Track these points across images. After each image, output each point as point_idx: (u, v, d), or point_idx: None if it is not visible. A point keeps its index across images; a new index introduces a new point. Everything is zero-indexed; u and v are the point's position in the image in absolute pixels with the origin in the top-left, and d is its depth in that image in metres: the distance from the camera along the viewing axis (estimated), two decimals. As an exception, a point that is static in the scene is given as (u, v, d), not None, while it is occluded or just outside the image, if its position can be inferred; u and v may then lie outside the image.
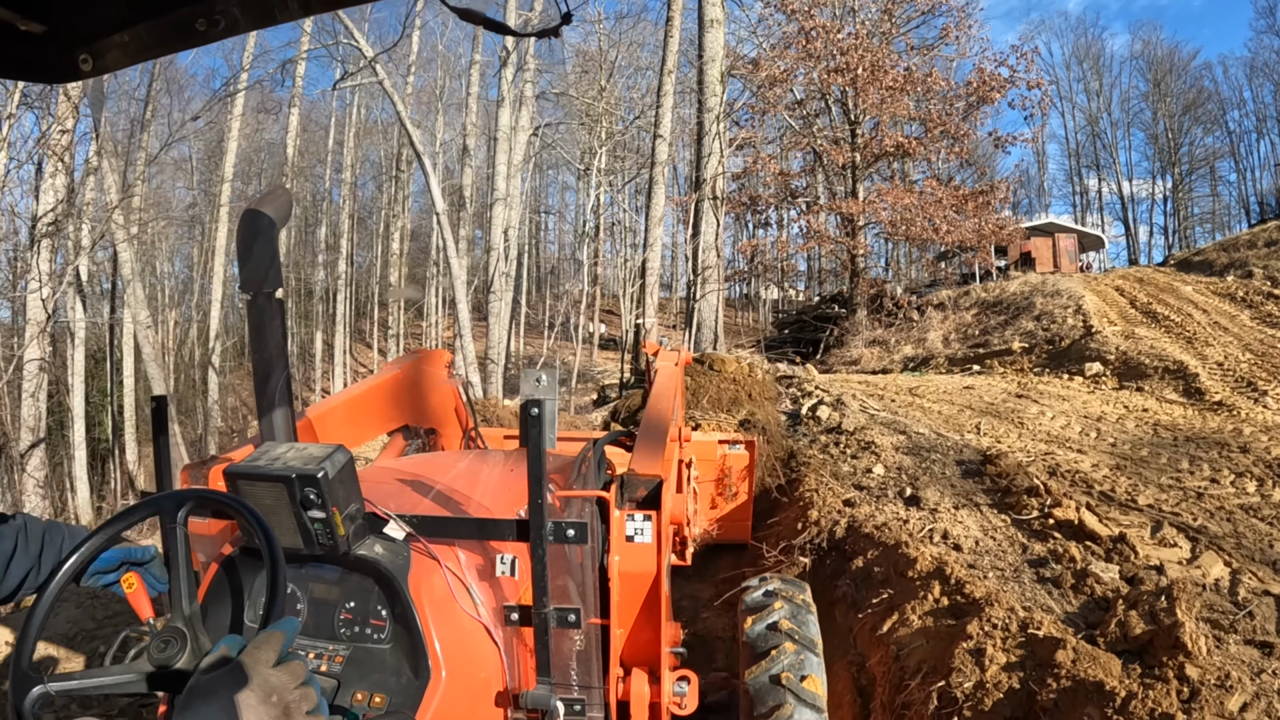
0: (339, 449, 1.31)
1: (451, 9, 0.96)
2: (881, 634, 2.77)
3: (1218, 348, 10.12)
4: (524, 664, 1.48)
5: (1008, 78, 18.99)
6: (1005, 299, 16.02)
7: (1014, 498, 3.61)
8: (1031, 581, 2.87)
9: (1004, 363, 11.51)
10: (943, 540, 3.21)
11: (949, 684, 2.34)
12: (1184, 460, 5.43)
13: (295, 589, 1.39)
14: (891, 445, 4.71)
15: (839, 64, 16.46)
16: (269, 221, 1.63)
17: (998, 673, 2.31)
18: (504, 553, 1.48)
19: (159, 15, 0.90)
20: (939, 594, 2.75)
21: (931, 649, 2.55)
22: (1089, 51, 46.02)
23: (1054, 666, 2.25)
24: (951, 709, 2.31)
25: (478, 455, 2.15)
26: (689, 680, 1.80)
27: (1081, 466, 4.72)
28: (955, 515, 3.51)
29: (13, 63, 0.95)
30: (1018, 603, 2.63)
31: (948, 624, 2.59)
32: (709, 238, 10.05)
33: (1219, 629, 2.72)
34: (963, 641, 2.44)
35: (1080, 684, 2.19)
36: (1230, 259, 17.33)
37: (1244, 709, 2.34)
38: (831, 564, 3.30)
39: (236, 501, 1.14)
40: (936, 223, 17.28)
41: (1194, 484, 4.85)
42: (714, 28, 9.80)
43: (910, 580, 2.89)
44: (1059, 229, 27.60)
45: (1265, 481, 5.04)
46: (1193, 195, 45.46)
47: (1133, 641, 2.41)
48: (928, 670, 2.48)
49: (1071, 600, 2.74)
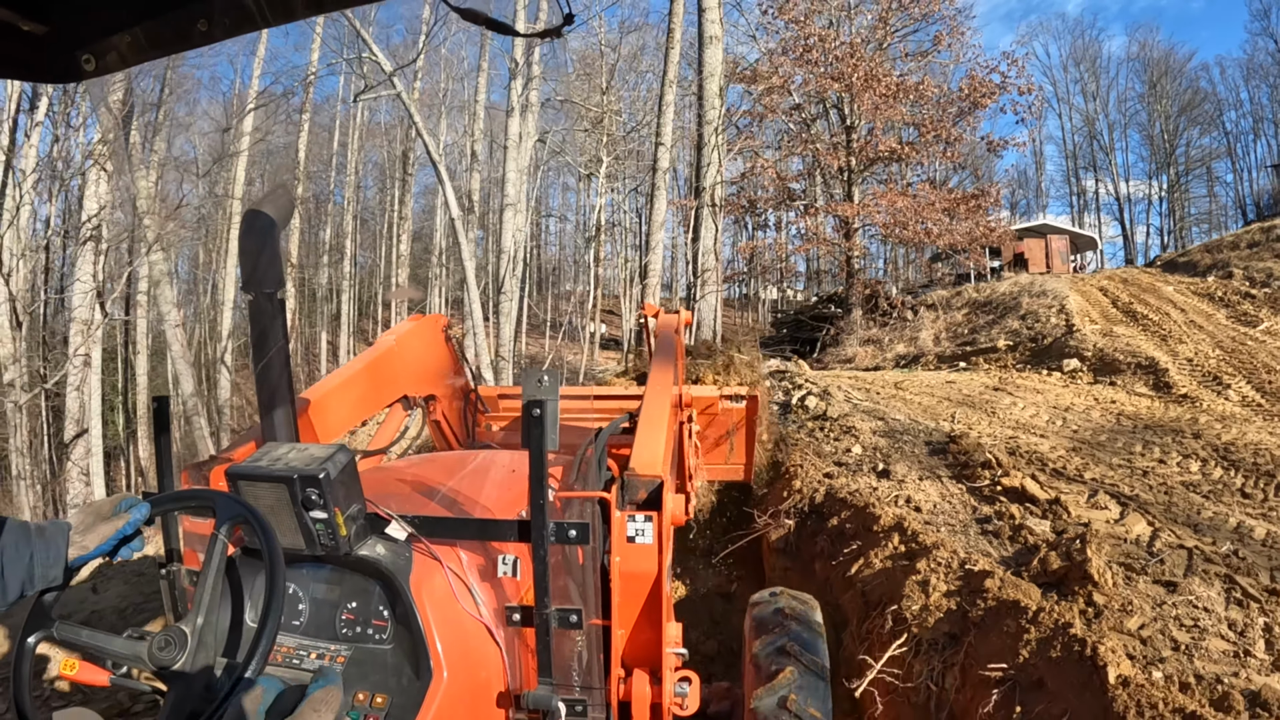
0: (341, 449, 1.32)
1: (454, 9, 0.99)
2: (850, 576, 3.32)
3: (1190, 345, 10.66)
4: (525, 664, 1.50)
5: (999, 83, 19.56)
6: (995, 299, 16.57)
7: (970, 470, 4.16)
8: (976, 534, 3.41)
9: (989, 360, 12.06)
10: (906, 504, 3.75)
11: (900, 608, 2.89)
12: (1138, 444, 5.97)
13: (297, 589, 1.39)
14: (870, 429, 5.25)
15: (835, 71, 17.02)
16: (270, 221, 1.64)
17: (939, 598, 2.86)
18: (506, 553, 1.49)
19: (160, 16, 0.91)
20: (897, 543, 3.29)
21: (889, 585, 3.10)
22: (1086, 53, 46.57)
23: (984, 592, 2.80)
24: (902, 627, 2.86)
25: (480, 456, 2.20)
26: (690, 681, 1.81)
27: (1040, 448, 5.26)
28: (919, 485, 4.05)
29: (15, 63, 0.95)
30: (961, 548, 3.18)
31: (903, 565, 3.13)
32: (708, 242, 10.62)
33: (1131, 571, 3.26)
34: (913, 576, 2.98)
35: (1004, 604, 2.73)
36: (1214, 260, 17.86)
37: (1141, 628, 2.89)
38: (811, 524, 3.85)
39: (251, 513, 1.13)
40: (929, 226, 17.83)
41: (1142, 464, 5.39)
42: (713, 44, 10.37)
43: (875, 534, 3.43)
44: (1051, 230, 28.16)
45: (1209, 462, 5.59)
46: (1190, 196, 45.94)
47: (1051, 575, 2.95)
48: (885, 600, 3.02)
49: (1008, 548, 3.28)
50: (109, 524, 1.13)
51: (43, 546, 1.06)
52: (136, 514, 1.14)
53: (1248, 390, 8.45)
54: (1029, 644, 2.50)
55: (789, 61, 17.75)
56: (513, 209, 10.70)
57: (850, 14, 19.01)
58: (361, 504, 1.36)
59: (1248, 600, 3.27)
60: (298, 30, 17.78)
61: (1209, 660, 2.75)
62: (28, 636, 1.06)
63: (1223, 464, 5.55)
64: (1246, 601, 3.26)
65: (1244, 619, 3.12)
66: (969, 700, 2.57)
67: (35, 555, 1.05)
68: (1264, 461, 5.52)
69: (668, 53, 11.15)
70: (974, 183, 29.74)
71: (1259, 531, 4.11)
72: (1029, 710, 2.36)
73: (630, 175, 29.24)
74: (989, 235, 18.76)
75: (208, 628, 1.06)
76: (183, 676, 1.02)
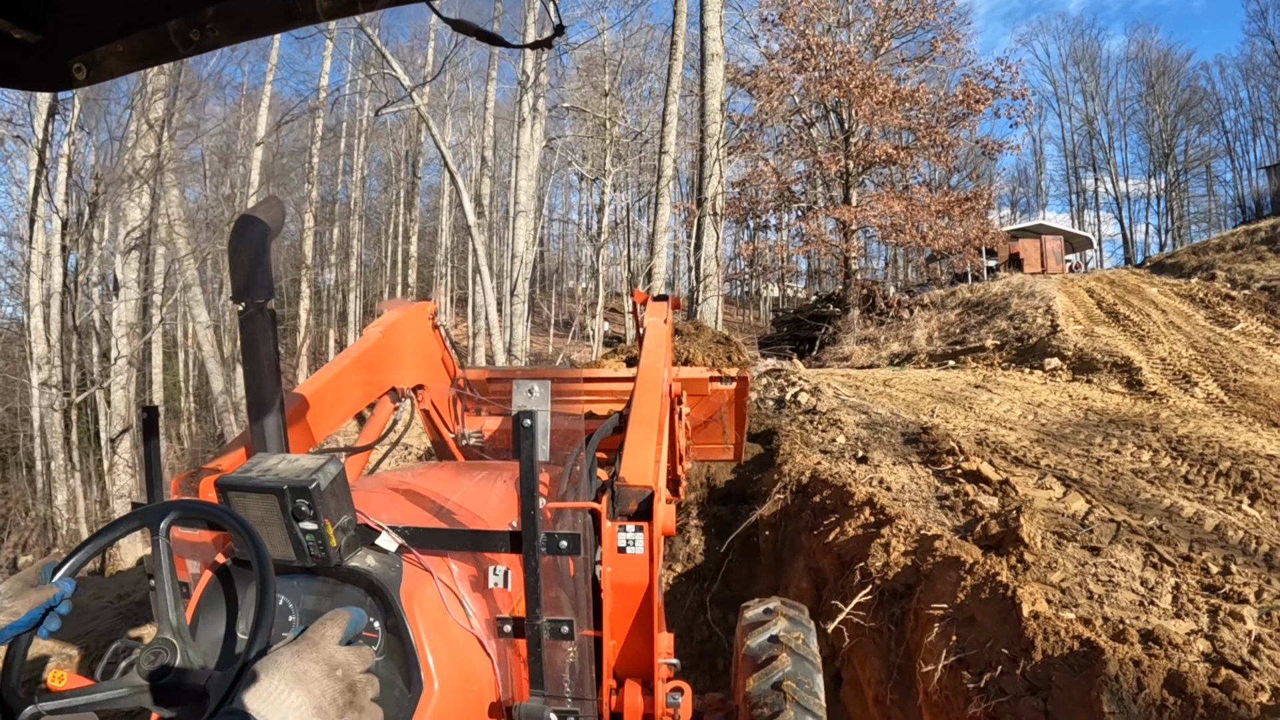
0: (332, 460, 1.31)
1: (445, 20, 0.97)
2: (829, 543, 3.95)
3: (1165, 344, 11.26)
4: (517, 676, 1.49)
5: (993, 89, 20.14)
6: (986, 300, 17.17)
7: (937, 456, 4.78)
8: (935, 508, 4.04)
9: (977, 358, 12.67)
10: (879, 484, 4.37)
11: (867, 565, 3.52)
12: (1099, 436, 6.59)
13: (287, 600, 1.38)
14: (854, 422, 5.87)
15: (833, 79, 17.62)
16: (262, 230, 1.64)
17: (899, 556, 3.49)
18: (497, 564, 1.49)
19: (152, 25, 0.91)
20: (868, 515, 3.93)
21: (859, 548, 3.73)
22: (1085, 53, 47.01)
23: (934, 551, 3.43)
24: (868, 580, 3.49)
25: (471, 466, 2.21)
26: (682, 691, 1.82)
27: (1006, 439, 5.89)
28: (892, 469, 4.67)
29: (7, 71, 0.95)
30: (921, 519, 3.81)
31: (871, 532, 3.77)
32: (709, 250, 11.27)
33: (1062, 538, 3.88)
34: (878, 540, 3.62)
35: (948, 560, 3.36)
36: (1199, 262, 18.44)
37: (1062, 581, 3.52)
38: (798, 502, 4.48)
39: (224, 512, 1.13)
40: (924, 228, 18.43)
41: (1098, 453, 6.01)
42: (714, 61, 10.99)
43: (850, 508, 4.07)
44: (1046, 230, 28.76)
45: (1159, 452, 6.21)
46: (1189, 195, 46.33)
47: (991, 539, 3.58)
48: (855, 560, 3.66)
49: (960, 519, 3.91)
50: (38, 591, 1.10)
51: None
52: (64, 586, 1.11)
53: (1213, 388, 9.05)
54: (965, 590, 3.13)
55: (789, 67, 18.35)
56: (524, 216, 11.34)
57: (849, 22, 19.60)
58: (352, 515, 1.36)
59: (1163, 564, 3.89)
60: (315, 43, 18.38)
61: (1116, 607, 3.37)
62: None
63: (1173, 454, 6.16)
64: (1161, 565, 3.89)
65: (1156, 578, 3.75)
66: (918, 635, 3.21)
67: None
68: (1211, 452, 6.13)
69: (670, 65, 11.76)
70: (973, 184, 30.34)
71: (1188, 511, 4.73)
72: (962, 639, 3.00)
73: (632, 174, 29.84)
74: (982, 237, 19.35)
75: (187, 632, 1.06)
76: (177, 686, 1.03)
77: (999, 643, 2.91)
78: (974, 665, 2.93)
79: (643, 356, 2.58)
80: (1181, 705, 2.65)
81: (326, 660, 0.73)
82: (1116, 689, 2.66)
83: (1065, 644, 2.86)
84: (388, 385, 2.64)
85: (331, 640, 0.76)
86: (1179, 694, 2.68)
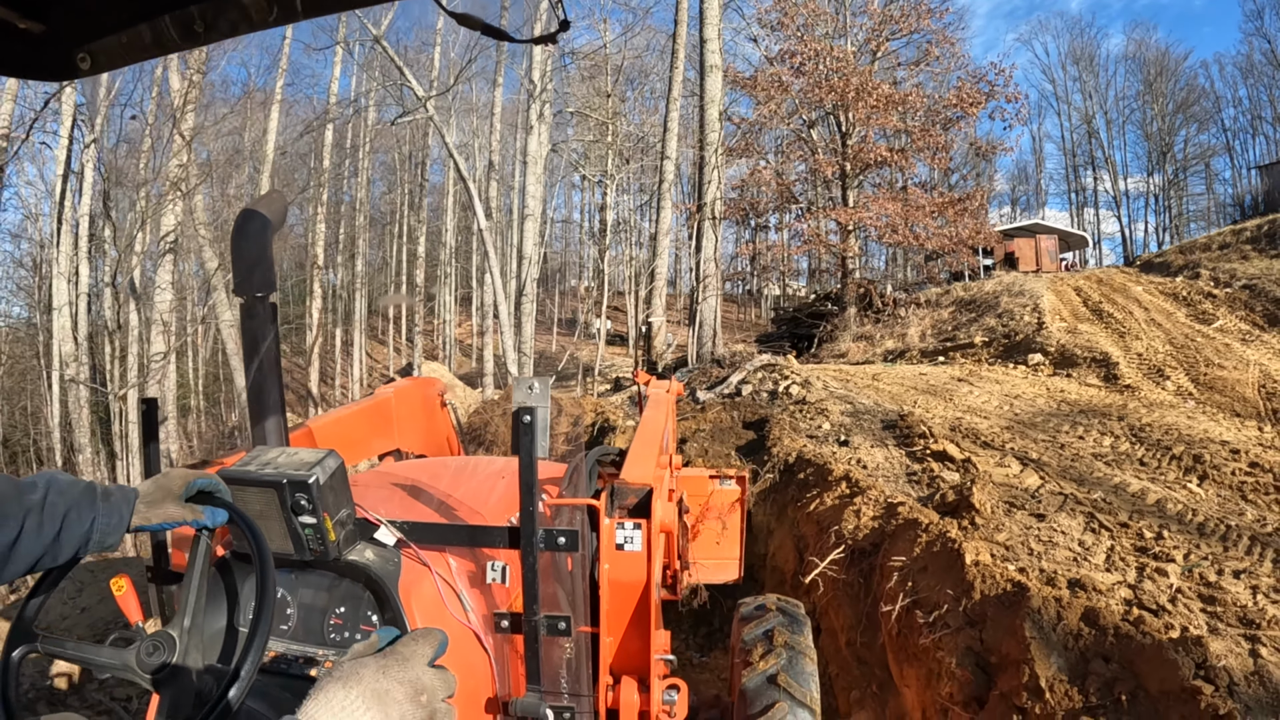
0: (330, 454, 1.31)
1: (450, 15, 1.01)
2: (809, 513, 4.53)
3: (1144, 340, 11.79)
4: (514, 671, 1.51)
5: (987, 92, 20.65)
6: (979, 298, 17.69)
7: (910, 439, 5.34)
8: (904, 483, 4.61)
9: (966, 355, 13.21)
10: (856, 464, 4.94)
11: (839, 528, 4.09)
12: (1067, 424, 7.14)
13: (286, 594, 1.39)
14: (839, 411, 6.44)
15: (830, 82, 18.16)
16: (263, 224, 1.64)
17: (868, 520, 4.06)
18: (495, 560, 1.50)
19: (157, 16, 0.92)
20: (845, 489, 4.50)
21: (835, 515, 4.30)
22: (1084, 52, 47.38)
23: (897, 515, 4.00)
24: (841, 541, 4.06)
25: (470, 462, 2.24)
26: (678, 688, 1.83)
27: (979, 426, 6.45)
28: (870, 451, 5.24)
29: (12, 61, 0.96)
30: (890, 490, 4.39)
31: (846, 501, 4.34)
32: (709, 251, 11.84)
33: (1012, 507, 4.44)
34: (850, 507, 4.19)
35: (909, 523, 3.93)
36: (1186, 260, 18.88)
37: (1006, 541, 4.08)
38: (784, 479, 5.06)
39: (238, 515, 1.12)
40: (918, 229, 18.96)
41: (1063, 439, 6.57)
42: (713, 73, 11.53)
43: (830, 483, 4.64)
44: (1041, 229, 29.26)
45: (1120, 438, 6.75)
46: (1188, 193, 46.64)
47: (947, 506, 4.14)
48: (831, 525, 4.23)
49: (924, 491, 4.48)
50: (177, 506, 1.11)
51: (106, 511, 1.05)
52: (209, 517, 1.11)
53: (1184, 381, 9.58)
54: (920, 545, 3.70)
55: (787, 71, 18.89)
56: (532, 219, 11.93)
57: (845, 27, 20.12)
58: (351, 509, 1.37)
59: (1101, 529, 4.45)
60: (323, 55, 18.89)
61: (1052, 562, 3.93)
62: (11, 651, 1.03)
63: (1132, 440, 6.70)
64: (1100, 530, 4.44)
65: (1093, 541, 4.30)
66: (881, 586, 3.78)
67: (98, 520, 1.04)
68: (1169, 439, 6.66)
69: (671, 76, 12.32)
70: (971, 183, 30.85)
71: (1135, 487, 5.28)
72: (916, 586, 3.57)
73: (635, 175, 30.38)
74: (976, 237, 19.87)
75: (195, 631, 1.05)
76: (173, 682, 1.02)
77: (945, 586, 3.48)
78: (925, 606, 3.50)
79: (642, 423, 2.56)
80: (1095, 635, 3.21)
81: (413, 682, 0.67)
82: (1039, 620, 3.23)
83: (1000, 586, 3.43)
84: (393, 445, 2.67)
85: (422, 660, 0.70)
86: (1093, 626, 3.24)
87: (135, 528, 1.08)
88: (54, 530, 0.98)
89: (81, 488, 1.05)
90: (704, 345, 12.63)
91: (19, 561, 0.96)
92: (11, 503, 0.95)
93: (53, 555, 1.00)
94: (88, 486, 1.06)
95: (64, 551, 1.01)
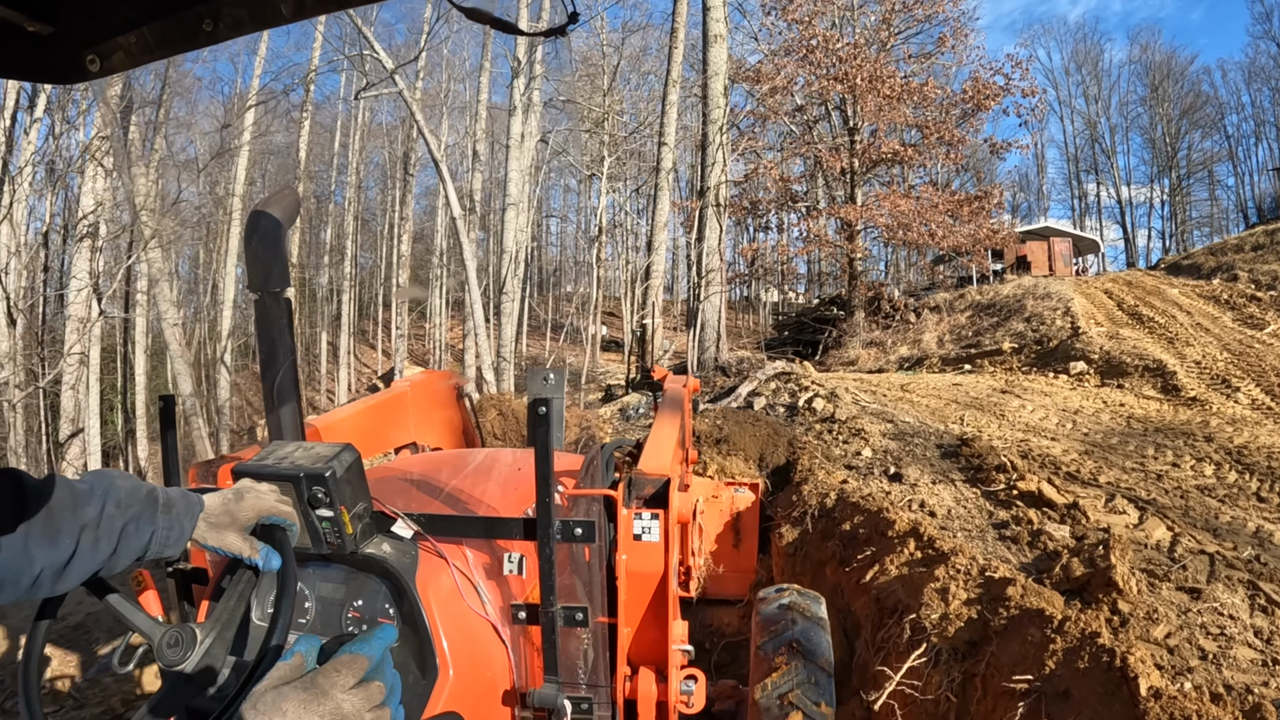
0: (347, 447, 1.30)
1: (459, 8, 0.98)
2: (864, 583, 3.23)
3: (1197, 347, 10.59)
4: (531, 662, 1.49)
5: (1003, 85, 19.54)
6: (998, 301, 16.51)
7: (984, 474, 4.07)
8: (994, 539, 3.33)
9: (994, 362, 11.98)
10: (920, 508, 3.67)
11: (919, 617, 2.80)
12: (1150, 448, 5.89)
13: (303, 587, 1.39)
14: (879, 432, 5.17)
15: (838, 72, 16.99)
16: (275, 222, 1.64)
17: (959, 606, 2.77)
18: (512, 551, 1.50)
19: (165, 16, 0.91)
20: (913, 549, 3.21)
21: (905, 592, 3.01)
22: (1087, 57, 46.73)
23: (1005, 600, 2.71)
24: (921, 636, 2.77)
25: (486, 454, 2.18)
26: (696, 679, 1.81)
27: (1052, 451, 5.18)
28: (932, 489, 3.96)
29: (20, 63, 0.95)
30: (979, 554, 3.10)
31: (920, 571, 3.05)
32: (712, 242, 10.57)
33: (1154, 578, 3.17)
34: (931, 583, 2.90)
35: (1026, 612, 2.64)
36: (1218, 262, 17.81)
37: (1168, 637, 2.81)
38: (823, 528, 3.76)
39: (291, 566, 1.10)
40: (932, 228, 17.78)
41: (1155, 468, 5.31)
42: (717, 43, 10.32)
43: (889, 539, 3.35)
44: (1054, 233, 28.15)
45: (1223, 465, 5.51)
46: (1191, 199, 46.01)
47: (1074, 582, 2.87)
48: (902, 609, 2.94)
49: (1027, 554, 3.20)
50: (240, 538, 1.09)
51: (167, 524, 1.04)
52: (263, 559, 1.08)
53: (1257, 393, 8.38)
54: (1054, 654, 2.41)
55: (792, 63, 17.72)
56: (515, 209, 10.64)
57: (854, 14, 18.99)
58: (368, 502, 1.35)
59: (1272, 607, 3.19)
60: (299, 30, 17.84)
61: (1237, 669, 2.66)
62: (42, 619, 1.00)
63: (1236, 467, 5.47)
64: (1271, 608, 3.18)
65: (1270, 626, 3.04)
66: (990, 711, 2.48)
67: (156, 533, 1.03)
68: (1278, 465, 5.45)
69: (671, 52, 11.09)
70: (976, 185, 29.76)
71: (1278, 537, 4.03)
72: None
73: (632, 176, 29.24)
74: (992, 237, 18.71)
75: (219, 643, 1.05)
76: (189, 677, 1.01)
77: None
78: (1075, 760, 2.22)
79: (658, 418, 2.53)
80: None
81: (333, 713, 0.66)
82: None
83: (1198, 733, 2.15)
84: (409, 438, 2.61)
85: (342, 688, 0.68)
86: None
87: (195, 541, 1.08)
88: (110, 547, 0.99)
89: (142, 496, 1.05)
90: (706, 350, 11.34)
91: (72, 576, 0.96)
92: (67, 517, 0.94)
93: (108, 569, 1.01)
94: (148, 495, 1.06)
95: (120, 564, 1.01)
